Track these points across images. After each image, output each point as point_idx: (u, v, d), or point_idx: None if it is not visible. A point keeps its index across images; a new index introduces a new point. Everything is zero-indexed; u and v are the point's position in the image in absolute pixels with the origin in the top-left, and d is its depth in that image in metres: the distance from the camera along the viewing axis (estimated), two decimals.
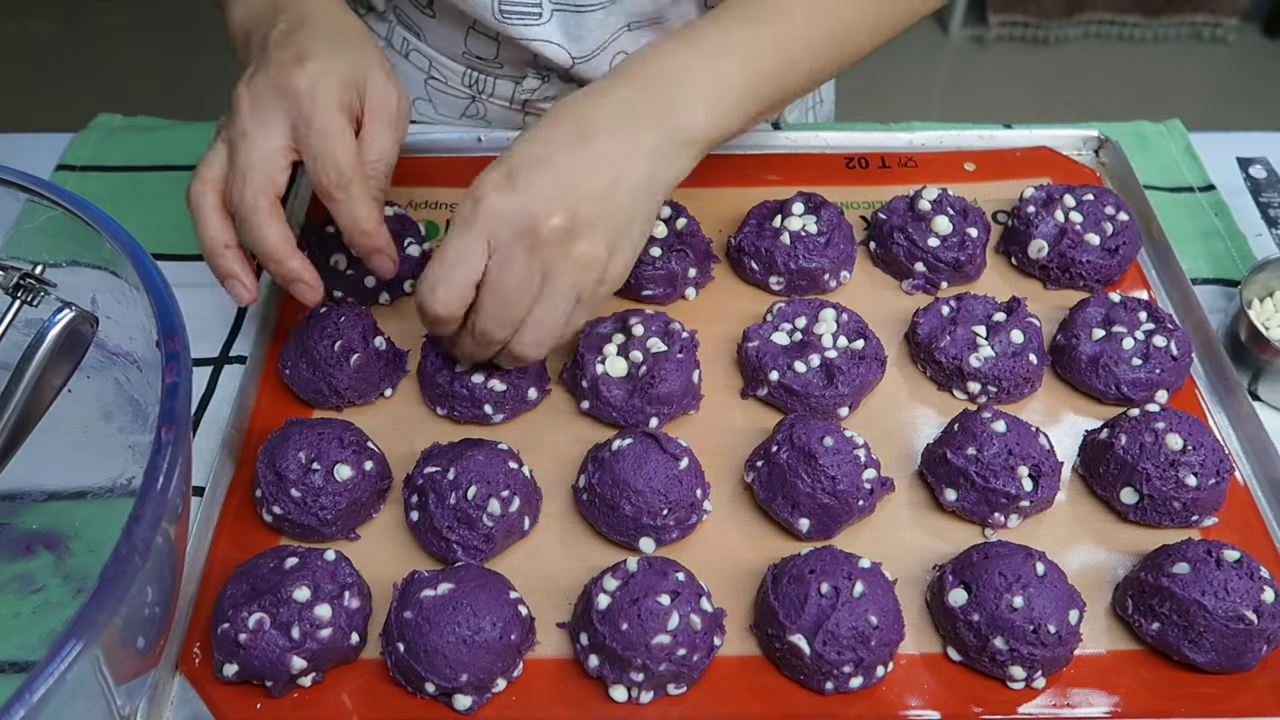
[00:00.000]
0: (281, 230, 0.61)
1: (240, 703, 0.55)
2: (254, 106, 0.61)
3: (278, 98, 0.61)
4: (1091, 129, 0.87)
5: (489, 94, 0.86)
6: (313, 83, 0.60)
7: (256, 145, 0.60)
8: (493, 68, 0.84)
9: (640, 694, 0.55)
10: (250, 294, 0.62)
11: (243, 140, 0.61)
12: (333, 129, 0.61)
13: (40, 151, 0.84)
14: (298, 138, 0.61)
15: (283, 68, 0.61)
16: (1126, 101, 2.45)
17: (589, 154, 0.59)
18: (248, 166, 0.60)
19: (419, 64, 0.87)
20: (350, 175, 0.61)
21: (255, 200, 0.60)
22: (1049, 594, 0.55)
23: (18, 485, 0.61)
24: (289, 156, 0.61)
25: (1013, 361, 0.67)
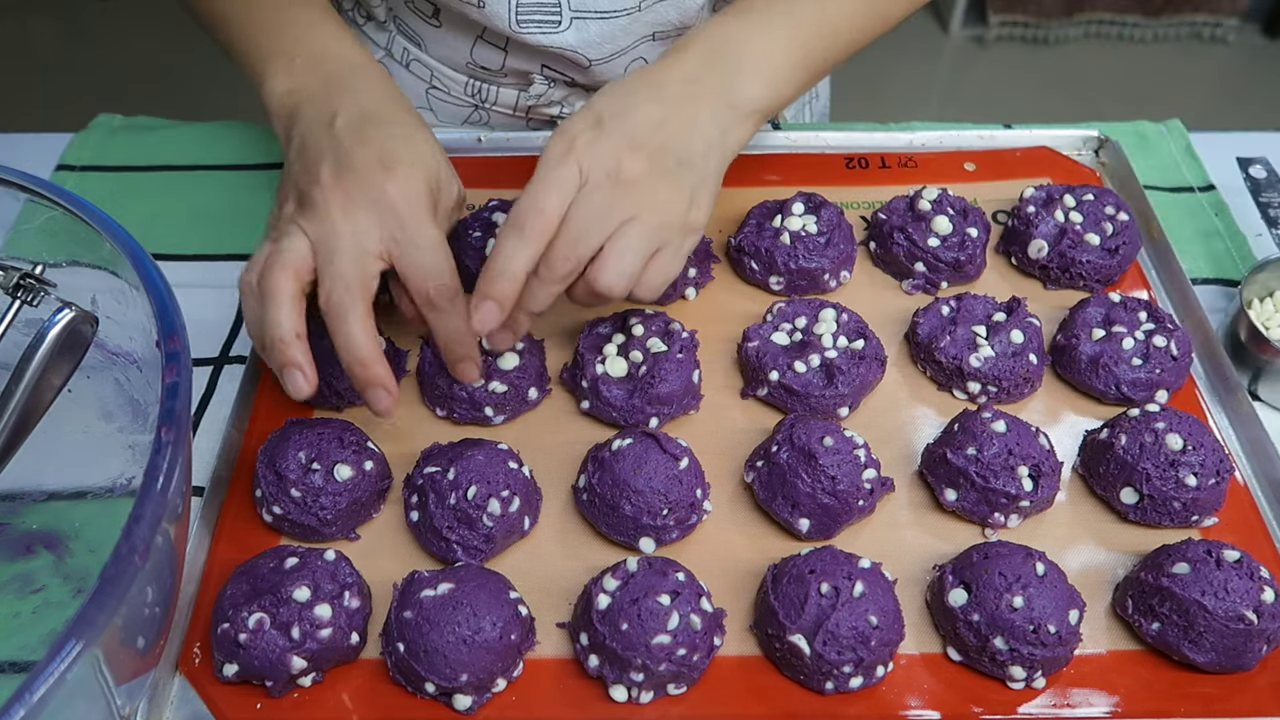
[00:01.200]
0: (373, 335, 0.60)
1: (240, 703, 0.55)
2: (346, 211, 0.60)
3: (373, 207, 0.60)
4: (1091, 129, 0.87)
5: (492, 103, 0.86)
6: (406, 193, 0.61)
7: (352, 249, 0.60)
8: (497, 77, 0.84)
9: (640, 694, 0.55)
10: (311, 386, 0.60)
11: (338, 243, 0.59)
12: (435, 243, 0.61)
13: (40, 151, 0.84)
14: (392, 248, 0.61)
15: (372, 172, 0.61)
16: (1126, 101, 2.45)
17: (664, 110, 0.62)
18: (346, 268, 0.59)
19: (420, 74, 0.86)
20: (455, 286, 0.62)
21: (354, 303, 0.59)
22: (1049, 594, 0.55)
23: (18, 485, 0.61)
24: (380, 265, 0.61)
25: (1013, 361, 0.67)
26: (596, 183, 0.59)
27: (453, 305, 0.62)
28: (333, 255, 0.60)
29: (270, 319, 0.58)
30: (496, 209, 0.76)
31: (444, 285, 0.61)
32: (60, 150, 0.85)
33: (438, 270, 0.61)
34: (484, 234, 0.74)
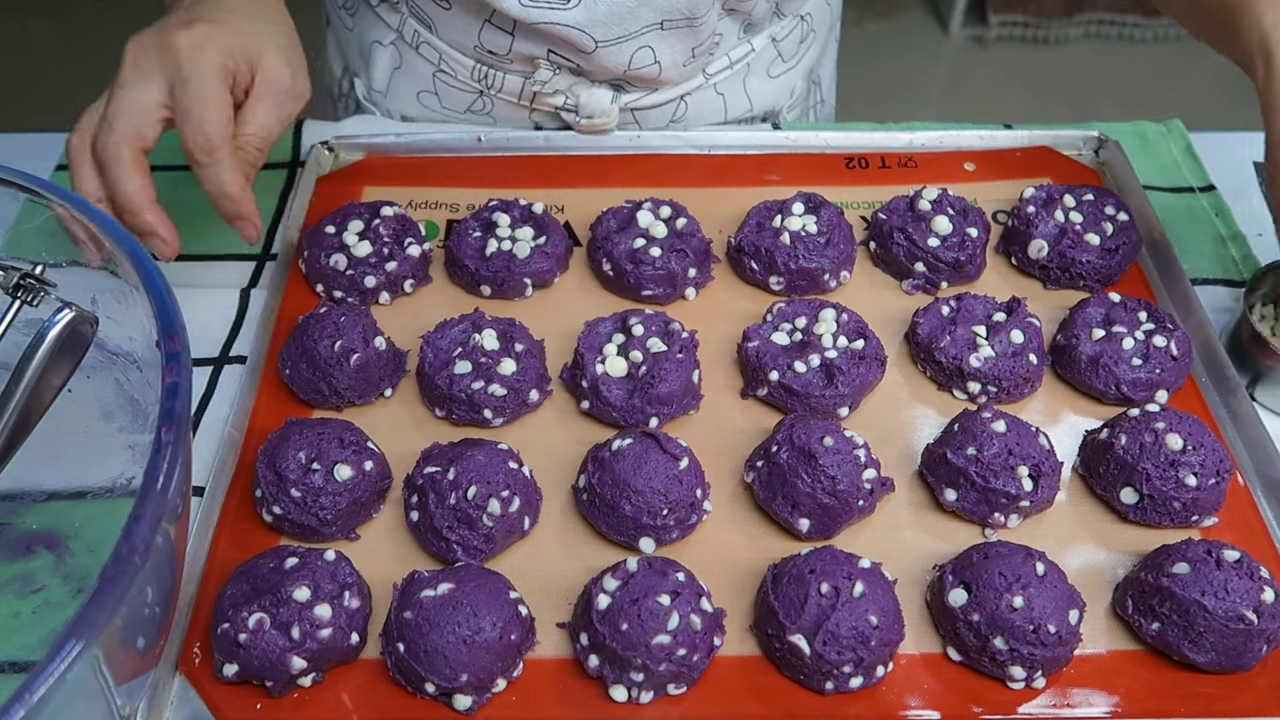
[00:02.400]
0: (140, 182, 0.61)
1: (240, 703, 0.55)
2: (137, 60, 0.62)
3: (160, 54, 0.62)
4: (1091, 129, 0.87)
5: (497, 89, 0.86)
6: (196, 44, 0.61)
7: (130, 96, 0.61)
8: (503, 62, 0.84)
9: (640, 694, 0.55)
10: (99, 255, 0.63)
11: (119, 90, 0.62)
12: (207, 93, 0.61)
13: (40, 151, 0.84)
14: (173, 97, 0.62)
15: (172, 27, 0.62)
16: (1126, 101, 2.45)
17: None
18: (115, 114, 0.61)
19: (429, 56, 0.87)
20: (217, 141, 0.62)
21: (118, 149, 0.61)
22: (1049, 594, 0.55)
23: (18, 485, 0.61)
24: (162, 112, 0.62)
25: (1013, 361, 0.67)
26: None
27: (213, 158, 0.62)
28: (111, 102, 0.62)
29: (72, 185, 0.62)
30: (497, 209, 0.76)
31: (206, 136, 0.61)
32: (60, 150, 0.85)
33: (201, 120, 0.61)
34: (484, 234, 0.74)
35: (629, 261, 0.73)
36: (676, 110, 0.87)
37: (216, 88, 0.62)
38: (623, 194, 0.79)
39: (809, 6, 0.90)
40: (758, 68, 0.89)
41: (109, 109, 0.62)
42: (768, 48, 0.89)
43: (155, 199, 0.62)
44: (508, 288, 0.73)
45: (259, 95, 0.65)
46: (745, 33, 0.87)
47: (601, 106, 0.84)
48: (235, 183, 0.63)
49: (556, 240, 0.75)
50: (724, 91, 0.88)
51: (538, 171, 0.83)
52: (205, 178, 0.63)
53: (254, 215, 0.66)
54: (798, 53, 0.92)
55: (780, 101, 0.93)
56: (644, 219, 0.74)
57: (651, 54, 0.81)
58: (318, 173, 0.83)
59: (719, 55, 0.86)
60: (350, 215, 0.75)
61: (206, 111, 0.61)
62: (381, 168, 0.83)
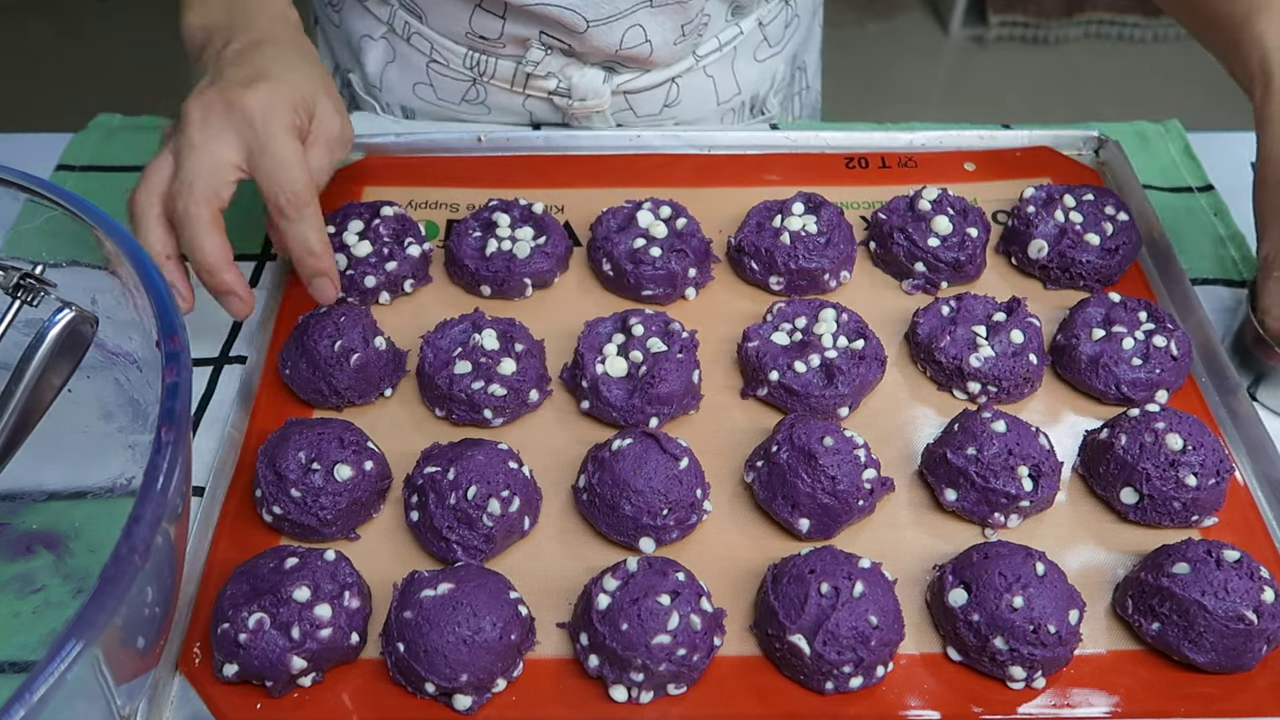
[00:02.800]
0: (219, 241, 0.62)
1: (240, 703, 0.55)
2: (205, 120, 0.62)
3: (229, 114, 0.62)
4: (1091, 129, 0.87)
5: (490, 76, 0.86)
6: (266, 105, 0.62)
7: (205, 158, 0.61)
8: (495, 46, 0.84)
9: (640, 694, 0.55)
10: (187, 305, 0.64)
11: (190, 151, 0.62)
12: (290, 154, 0.62)
13: (40, 151, 0.84)
14: (249, 158, 0.62)
15: (236, 86, 0.62)
16: (1126, 101, 2.45)
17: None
18: (194, 176, 0.61)
19: (420, 47, 0.87)
20: (306, 199, 0.63)
21: (198, 210, 0.61)
22: (1049, 594, 0.55)
23: (18, 485, 0.61)
24: (237, 174, 0.63)
25: (1013, 361, 0.67)
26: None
27: (301, 215, 0.63)
28: (183, 164, 0.61)
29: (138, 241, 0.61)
30: (497, 209, 0.76)
31: (294, 194, 0.62)
32: (60, 150, 0.85)
33: (289, 180, 0.62)
34: (484, 234, 0.74)
35: (629, 261, 0.73)
36: (669, 94, 0.88)
37: (295, 146, 0.63)
38: (623, 194, 0.79)
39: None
40: (744, 51, 0.90)
41: (185, 170, 0.61)
42: (754, 31, 0.90)
43: (232, 258, 0.63)
44: (508, 288, 0.73)
45: (312, 144, 0.65)
46: (733, 15, 0.88)
47: (594, 88, 0.84)
48: (319, 240, 0.64)
49: (556, 240, 0.75)
50: (714, 74, 0.89)
51: (538, 171, 0.83)
52: (292, 235, 0.64)
53: (334, 273, 0.66)
54: (783, 38, 0.93)
55: (764, 86, 0.93)
56: (644, 219, 0.74)
57: (643, 32, 0.81)
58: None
59: (708, 37, 0.87)
60: (350, 215, 0.75)
61: (293, 173, 0.62)
62: (381, 168, 0.83)
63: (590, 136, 0.86)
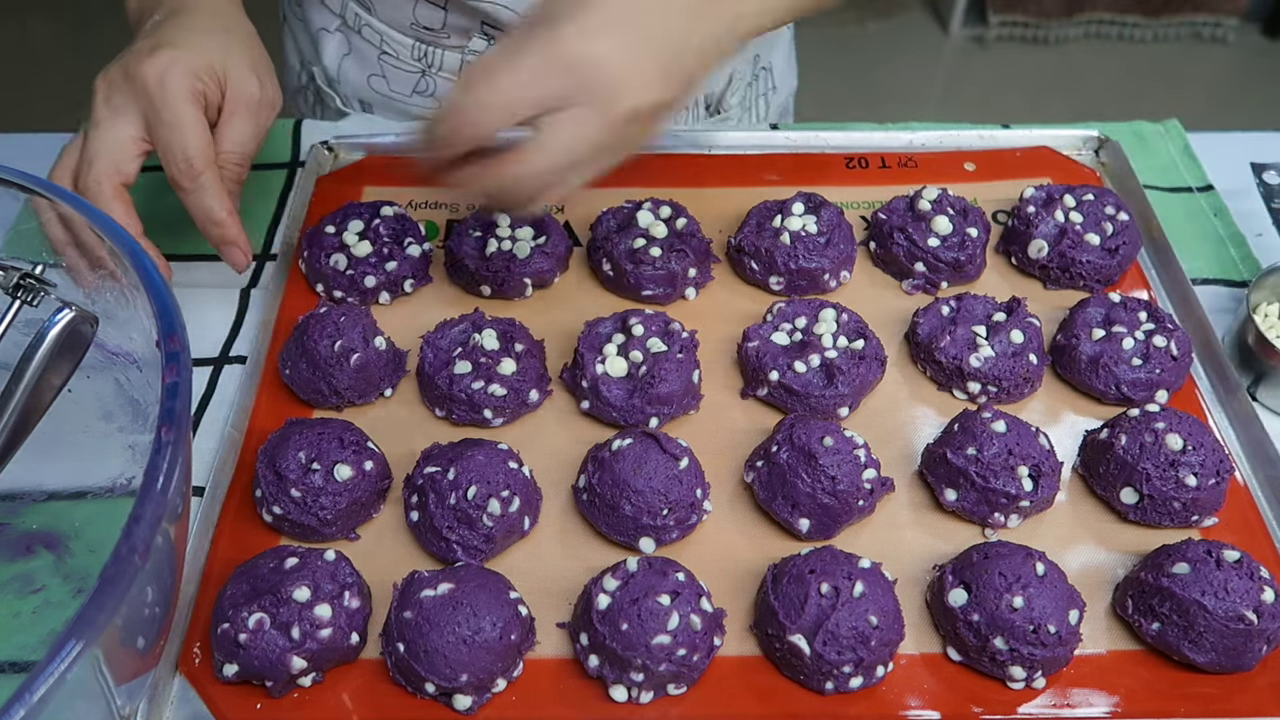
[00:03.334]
0: (126, 216, 0.62)
1: (240, 703, 0.55)
2: (108, 95, 0.62)
3: (129, 87, 0.62)
4: (1091, 129, 0.87)
5: (438, 67, 0.87)
6: (162, 72, 0.61)
7: (105, 134, 0.62)
8: (440, 37, 0.84)
9: (640, 694, 0.55)
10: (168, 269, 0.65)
11: (95, 129, 0.62)
12: (183, 119, 0.61)
13: (40, 151, 0.84)
14: (149, 128, 0.62)
15: (138, 56, 0.62)
16: (1126, 101, 2.45)
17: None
18: (95, 153, 0.61)
19: (371, 39, 0.87)
20: (200, 166, 0.62)
21: (99, 186, 0.61)
22: (1049, 594, 0.55)
23: (18, 485, 0.61)
24: (140, 146, 0.62)
25: (1013, 361, 0.67)
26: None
27: (198, 184, 0.62)
28: (89, 142, 0.62)
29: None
30: None
31: (188, 162, 0.61)
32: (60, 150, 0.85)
33: (182, 146, 0.61)
34: (484, 234, 0.74)
35: (629, 261, 0.73)
36: None
37: (191, 112, 0.62)
38: (623, 194, 0.79)
39: None
40: None
41: (87, 148, 0.62)
42: None
43: (142, 231, 0.63)
44: (508, 288, 0.73)
45: (230, 111, 0.65)
46: None
47: None
48: (221, 207, 0.63)
49: (556, 240, 0.75)
50: None
51: None
52: (191, 204, 0.63)
53: (242, 240, 0.66)
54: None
55: (719, 84, 0.93)
56: (644, 219, 0.74)
57: None
58: (317, 173, 0.83)
59: None
60: (350, 215, 0.75)
61: (186, 139, 0.61)
62: (381, 168, 0.83)
63: None
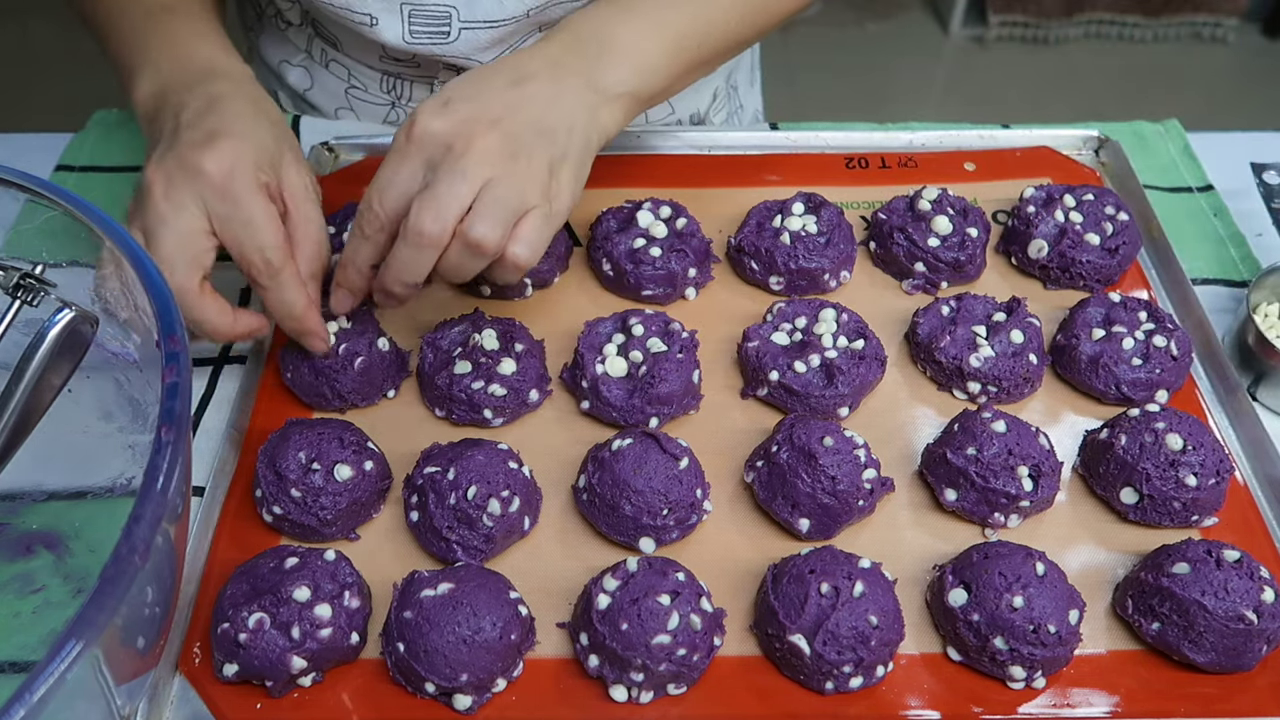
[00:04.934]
0: (216, 305, 0.62)
1: (240, 703, 0.55)
2: (168, 190, 0.60)
3: (192, 181, 0.59)
4: (1091, 129, 0.87)
5: (407, 99, 0.87)
6: (229, 165, 0.60)
7: (175, 230, 0.59)
8: (408, 69, 0.84)
9: (640, 694, 0.55)
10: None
11: (162, 227, 0.59)
12: (257, 217, 0.60)
13: (40, 151, 0.84)
14: (217, 221, 0.60)
15: (194, 148, 0.60)
16: (1126, 101, 2.45)
17: (521, 92, 0.61)
18: (173, 254, 0.59)
19: (338, 74, 0.87)
20: (279, 263, 0.61)
21: (189, 285, 0.60)
22: (1049, 594, 0.55)
23: (18, 485, 0.61)
24: (211, 240, 0.61)
25: (1013, 361, 0.67)
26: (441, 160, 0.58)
27: (277, 279, 0.61)
28: (156, 241, 0.60)
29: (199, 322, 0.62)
30: None
31: (269, 260, 0.60)
32: (60, 150, 0.85)
33: (262, 244, 0.60)
34: None
35: (629, 261, 0.73)
36: None
37: (265, 207, 0.61)
38: (623, 194, 0.79)
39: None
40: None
41: (161, 248, 0.59)
42: None
43: (232, 313, 0.63)
44: (508, 288, 0.73)
45: (297, 201, 0.63)
46: None
47: None
48: (301, 302, 0.62)
49: (556, 240, 0.75)
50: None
51: None
52: (272, 301, 0.62)
53: (321, 330, 0.64)
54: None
55: (704, 104, 0.93)
56: (644, 219, 0.74)
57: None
58: (318, 173, 0.83)
59: None
60: (350, 215, 0.75)
61: (265, 237, 0.60)
62: None
63: None
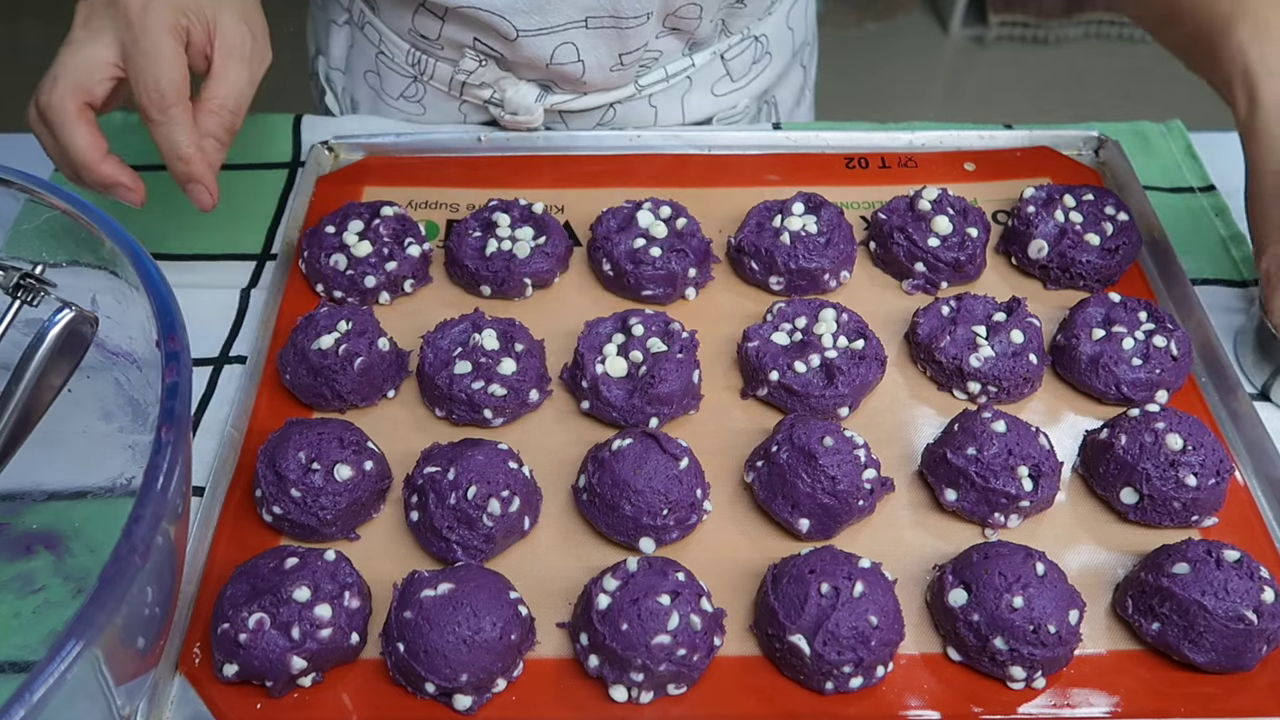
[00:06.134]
0: (89, 135, 0.61)
1: (240, 703, 0.55)
2: (87, 18, 0.62)
3: (110, 11, 0.61)
4: (1091, 129, 0.87)
5: (429, 76, 0.86)
6: (145, 5, 0.60)
7: (77, 53, 0.61)
8: (434, 47, 0.84)
9: (640, 694, 0.55)
10: (138, 195, 0.64)
11: (67, 48, 0.61)
12: (160, 49, 0.60)
13: (40, 151, 0.84)
14: (125, 55, 0.61)
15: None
16: (1126, 101, 2.45)
17: None
18: (63, 71, 0.61)
19: (371, 38, 0.87)
20: (171, 99, 0.61)
21: (63, 104, 0.61)
22: (1049, 594, 0.55)
23: (18, 485, 0.61)
24: (111, 70, 0.61)
25: (1013, 361, 0.67)
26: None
27: (169, 117, 0.61)
28: (59, 62, 0.61)
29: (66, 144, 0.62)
30: (497, 209, 0.76)
31: (160, 93, 0.60)
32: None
33: (155, 76, 0.60)
34: (484, 234, 0.74)
35: (629, 261, 0.73)
36: (604, 116, 0.87)
37: (169, 44, 0.61)
38: (623, 194, 0.79)
39: (764, 29, 0.89)
40: (701, 83, 0.88)
41: (56, 66, 0.61)
42: (713, 64, 0.88)
43: (107, 150, 0.62)
44: (508, 288, 0.73)
45: (224, 55, 0.64)
46: (690, 50, 0.86)
47: (525, 104, 0.83)
48: (189, 142, 0.62)
49: (556, 240, 0.75)
50: (658, 104, 0.88)
51: (538, 171, 0.83)
52: (159, 136, 0.62)
53: (207, 178, 0.63)
54: (749, 73, 0.90)
55: (719, 117, 0.92)
56: (644, 219, 0.74)
57: (575, 51, 0.80)
58: (318, 173, 0.83)
59: (656, 69, 0.85)
60: (350, 215, 0.75)
61: (160, 69, 0.60)
62: (381, 168, 0.83)
63: (590, 136, 0.86)
